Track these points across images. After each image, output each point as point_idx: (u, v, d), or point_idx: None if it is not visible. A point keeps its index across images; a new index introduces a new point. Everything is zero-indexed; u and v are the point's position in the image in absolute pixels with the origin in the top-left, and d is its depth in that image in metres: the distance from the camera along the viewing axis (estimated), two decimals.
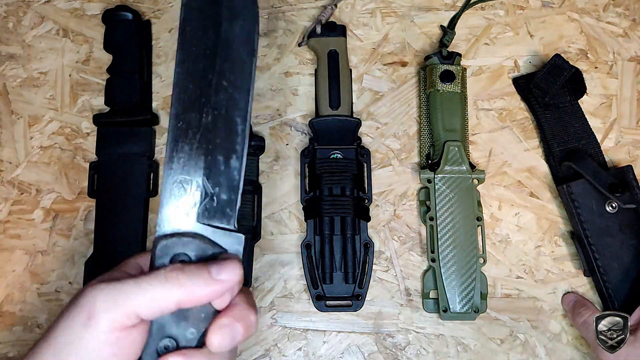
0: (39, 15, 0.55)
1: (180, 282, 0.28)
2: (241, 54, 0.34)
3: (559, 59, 0.50)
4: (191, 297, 0.29)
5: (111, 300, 0.28)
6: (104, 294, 0.28)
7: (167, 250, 0.31)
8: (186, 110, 0.33)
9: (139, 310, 0.28)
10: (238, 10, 0.35)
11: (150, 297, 0.28)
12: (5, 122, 0.53)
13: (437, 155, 0.50)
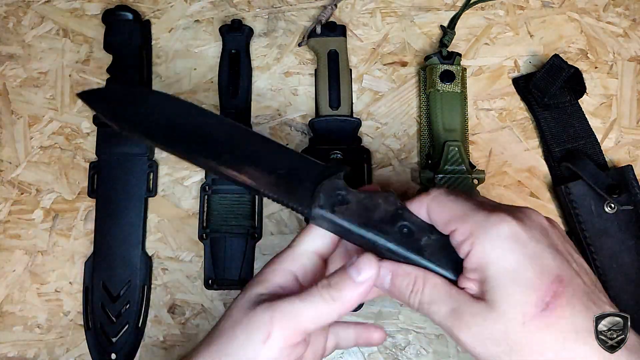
0: (39, 15, 0.55)
1: (334, 297, 0.30)
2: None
3: (558, 59, 0.50)
4: (346, 308, 0.31)
5: (285, 320, 0.30)
6: (279, 314, 0.30)
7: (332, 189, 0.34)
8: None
9: (308, 328, 0.31)
10: None
11: (315, 315, 0.30)
12: (5, 122, 0.53)
13: (437, 155, 0.50)
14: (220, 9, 0.55)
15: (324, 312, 0.30)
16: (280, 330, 0.30)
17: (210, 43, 0.55)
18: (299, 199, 0.34)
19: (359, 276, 0.30)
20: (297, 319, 0.30)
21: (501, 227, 0.29)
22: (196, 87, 0.54)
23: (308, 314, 0.30)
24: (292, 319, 0.30)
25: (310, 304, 0.30)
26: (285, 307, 0.30)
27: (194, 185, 0.51)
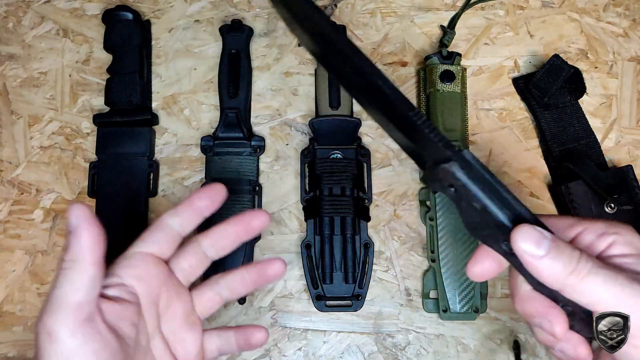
0: (39, 15, 0.55)
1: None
2: None
3: (558, 59, 0.50)
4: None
5: (56, 310, 0.31)
6: (51, 309, 0.31)
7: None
8: None
9: (83, 298, 0.31)
10: None
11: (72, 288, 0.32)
12: (5, 122, 0.53)
13: None
14: (220, 9, 0.55)
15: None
16: (55, 321, 0.30)
17: (210, 43, 0.55)
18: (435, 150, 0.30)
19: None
20: (63, 302, 0.30)
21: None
22: (196, 87, 0.54)
23: (68, 291, 0.31)
24: (58, 306, 0.30)
25: (64, 281, 0.31)
26: (49, 303, 0.31)
27: (194, 186, 0.51)
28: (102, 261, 0.33)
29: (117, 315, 0.33)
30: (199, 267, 0.39)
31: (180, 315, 0.38)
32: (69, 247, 0.32)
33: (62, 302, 0.30)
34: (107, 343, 0.31)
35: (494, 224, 0.30)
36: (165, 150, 0.52)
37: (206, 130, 0.52)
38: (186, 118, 0.53)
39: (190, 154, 0.52)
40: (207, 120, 0.53)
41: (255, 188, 0.50)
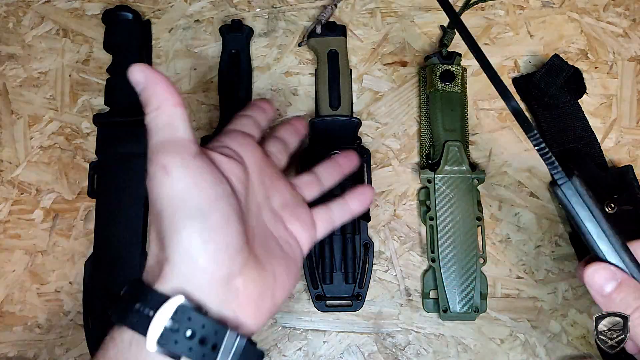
0: (39, 15, 0.56)
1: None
2: None
3: (558, 59, 0.50)
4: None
5: (164, 151, 0.31)
6: (159, 152, 0.31)
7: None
8: None
9: (184, 135, 0.32)
10: None
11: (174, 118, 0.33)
12: (5, 122, 0.53)
13: (437, 155, 0.50)
14: (220, 9, 0.55)
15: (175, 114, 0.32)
16: (168, 159, 0.30)
17: (210, 43, 0.55)
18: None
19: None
20: (168, 143, 0.31)
21: None
22: (196, 87, 0.54)
23: (168, 133, 0.31)
24: (164, 148, 0.30)
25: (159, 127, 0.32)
26: (152, 147, 0.31)
27: None
28: (182, 102, 0.32)
29: (226, 166, 0.33)
30: (283, 155, 0.41)
31: (287, 191, 0.38)
32: (149, 100, 0.32)
33: (167, 142, 0.30)
34: (220, 180, 0.31)
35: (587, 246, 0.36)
36: None
37: (206, 130, 0.52)
38: None
39: None
40: (207, 120, 0.53)
41: None
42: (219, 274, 0.30)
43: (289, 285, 0.35)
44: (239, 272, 0.31)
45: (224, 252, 0.30)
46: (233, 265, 0.30)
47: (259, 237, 0.34)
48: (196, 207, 0.29)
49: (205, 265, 0.29)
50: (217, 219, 0.30)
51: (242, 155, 0.35)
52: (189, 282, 0.29)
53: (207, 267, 0.29)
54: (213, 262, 0.30)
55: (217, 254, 0.30)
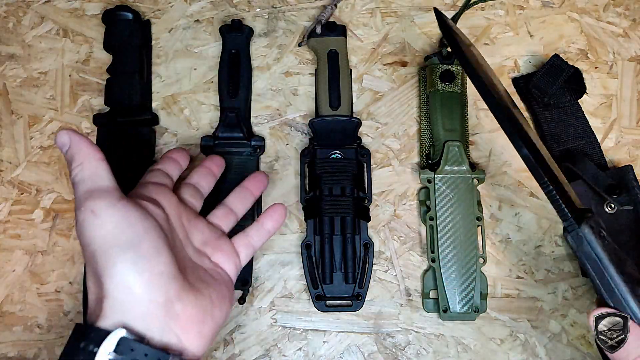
0: (39, 15, 0.56)
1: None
2: None
3: (558, 59, 0.50)
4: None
5: (91, 198, 0.34)
6: (88, 196, 0.34)
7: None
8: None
9: (109, 183, 0.35)
10: None
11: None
12: (5, 122, 0.53)
13: (437, 155, 0.50)
14: (220, 9, 0.55)
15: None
16: (96, 200, 0.32)
17: (210, 43, 0.55)
18: (573, 208, 0.36)
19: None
20: (95, 189, 0.33)
21: None
22: (196, 87, 0.54)
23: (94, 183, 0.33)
24: (94, 187, 0.33)
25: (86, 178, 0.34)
26: (80, 197, 0.34)
27: None
28: (104, 158, 0.35)
29: (149, 207, 0.35)
30: (196, 199, 0.43)
31: (205, 228, 0.41)
32: (73, 157, 0.34)
33: (93, 190, 0.33)
34: (146, 216, 0.34)
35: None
36: (165, 150, 0.52)
37: (206, 130, 0.52)
38: (186, 118, 0.53)
39: (190, 154, 0.52)
40: (207, 120, 0.53)
41: None
42: (157, 300, 0.31)
43: (225, 306, 0.37)
44: (177, 297, 0.32)
45: (159, 278, 0.32)
46: (169, 290, 0.32)
47: (189, 267, 0.37)
48: (127, 240, 0.32)
49: (142, 293, 0.31)
50: (148, 248, 0.32)
51: (158, 201, 0.38)
52: (129, 314, 0.31)
53: (144, 294, 0.31)
54: (149, 289, 0.31)
55: (152, 281, 0.31)
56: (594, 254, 0.35)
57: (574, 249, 0.36)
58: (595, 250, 0.35)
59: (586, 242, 0.35)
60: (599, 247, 0.35)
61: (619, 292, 0.35)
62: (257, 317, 0.49)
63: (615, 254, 0.35)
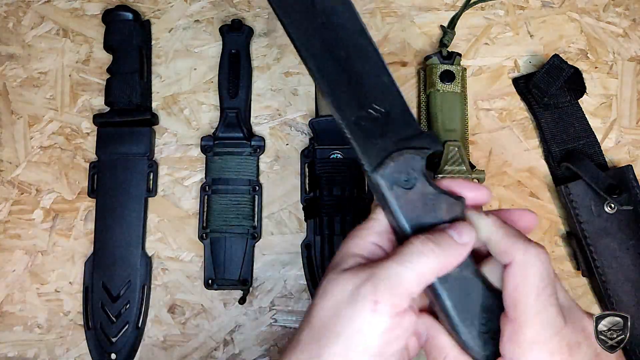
0: (39, 15, 0.55)
1: (435, 254, 0.29)
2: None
3: (558, 59, 0.50)
4: (447, 266, 0.29)
5: (389, 285, 0.28)
6: (381, 281, 0.28)
7: (393, 177, 0.30)
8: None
9: (412, 290, 0.28)
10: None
11: (416, 274, 0.28)
12: (5, 122, 0.53)
13: (437, 155, 0.50)
14: (220, 9, 0.55)
15: (425, 271, 0.29)
16: (387, 296, 0.28)
17: (210, 43, 0.55)
18: (368, 154, 0.31)
19: (460, 238, 0.29)
20: (400, 282, 0.28)
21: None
22: (196, 87, 0.54)
23: (409, 275, 0.28)
24: (395, 283, 0.28)
25: (409, 263, 0.29)
26: (384, 273, 0.28)
27: (194, 185, 0.51)
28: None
29: (413, 327, 0.30)
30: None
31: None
32: (460, 230, 0.29)
33: (400, 283, 0.28)
34: (399, 344, 0.29)
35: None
36: (165, 150, 0.52)
37: (206, 130, 0.52)
38: (186, 118, 0.53)
39: (190, 154, 0.52)
40: (207, 120, 0.53)
41: (255, 188, 0.50)
42: None
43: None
44: None
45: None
46: None
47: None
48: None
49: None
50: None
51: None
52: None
53: None
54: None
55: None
56: (387, 204, 0.31)
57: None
58: (388, 202, 0.31)
59: (380, 191, 0.31)
60: (393, 199, 0.31)
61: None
62: (257, 317, 0.49)
63: (410, 206, 0.31)
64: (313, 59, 0.32)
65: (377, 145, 0.31)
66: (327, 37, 0.33)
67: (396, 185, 0.30)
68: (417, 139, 0.31)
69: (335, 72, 0.32)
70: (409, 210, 0.30)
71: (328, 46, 0.33)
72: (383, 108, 0.32)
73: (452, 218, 0.30)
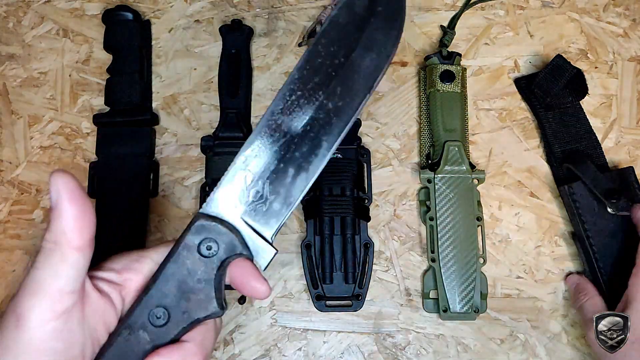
0: (39, 15, 0.55)
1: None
2: (359, 84, 0.33)
3: (561, 60, 0.50)
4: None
5: (32, 294, 0.27)
6: (26, 291, 0.27)
7: (202, 230, 0.31)
8: (284, 113, 0.33)
9: (64, 287, 0.27)
10: (376, 43, 0.33)
11: (56, 270, 0.27)
12: (5, 122, 0.53)
13: (437, 155, 0.50)
14: (220, 9, 0.55)
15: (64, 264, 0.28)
16: (32, 307, 0.27)
17: (210, 43, 0.55)
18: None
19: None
20: (41, 286, 0.27)
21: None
22: (196, 87, 0.54)
23: (65, 273, 0.27)
24: (40, 289, 0.27)
25: (45, 263, 0.27)
26: (32, 282, 0.27)
27: (194, 185, 0.51)
28: (89, 244, 0.29)
29: (97, 315, 0.30)
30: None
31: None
32: (49, 226, 0.28)
33: (41, 287, 0.27)
34: (72, 346, 0.28)
35: None
36: (165, 150, 0.52)
37: (206, 130, 0.52)
38: (186, 118, 0.53)
39: (190, 154, 0.52)
40: (207, 120, 0.53)
41: None
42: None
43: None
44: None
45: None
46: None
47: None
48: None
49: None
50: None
51: (124, 296, 0.33)
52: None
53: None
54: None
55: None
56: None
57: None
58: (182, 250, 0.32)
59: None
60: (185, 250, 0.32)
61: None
62: (257, 317, 0.49)
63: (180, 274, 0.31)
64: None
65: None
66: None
67: (203, 245, 0.31)
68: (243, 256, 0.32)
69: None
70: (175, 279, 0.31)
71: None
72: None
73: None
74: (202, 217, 0.32)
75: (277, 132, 0.33)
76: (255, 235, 0.32)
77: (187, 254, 0.31)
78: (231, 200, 0.33)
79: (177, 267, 0.31)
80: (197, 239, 0.31)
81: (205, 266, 0.31)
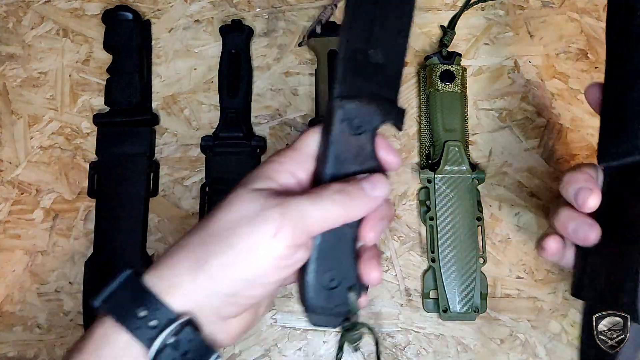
0: (39, 15, 0.55)
1: (345, 204, 0.30)
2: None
3: None
4: (352, 217, 0.31)
5: (295, 218, 0.29)
6: (289, 212, 0.29)
7: (352, 114, 0.31)
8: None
9: (314, 229, 0.30)
10: None
11: (322, 218, 0.30)
12: (5, 122, 0.53)
13: (437, 155, 0.50)
14: (220, 9, 0.55)
15: (331, 216, 0.30)
16: (290, 227, 0.29)
17: (210, 43, 0.55)
18: (346, 82, 0.32)
19: (372, 191, 0.31)
20: (306, 218, 0.29)
21: None
22: (196, 87, 0.54)
23: (316, 215, 0.30)
24: (301, 217, 0.29)
25: (320, 205, 0.30)
26: (295, 205, 0.29)
27: (194, 185, 0.51)
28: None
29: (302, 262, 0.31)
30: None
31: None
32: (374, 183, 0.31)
33: (307, 218, 0.29)
34: (285, 272, 0.30)
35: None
36: (165, 150, 0.52)
37: (206, 130, 0.52)
38: (186, 118, 0.53)
39: (190, 154, 0.52)
40: (207, 120, 0.53)
41: None
42: (224, 313, 0.30)
43: (263, 313, 0.36)
44: (238, 315, 0.31)
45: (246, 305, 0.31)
46: (239, 311, 0.31)
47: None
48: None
49: (220, 305, 0.29)
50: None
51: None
52: (197, 307, 0.29)
53: (220, 307, 0.29)
54: (228, 306, 0.30)
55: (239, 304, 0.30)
56: (327, 136, 0.32)
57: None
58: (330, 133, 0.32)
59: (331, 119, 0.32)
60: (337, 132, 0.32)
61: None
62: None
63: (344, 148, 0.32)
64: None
65: (357, 80, 0.32)
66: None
67: (347, 123, 0.31)
68: (390, 105, 0.33)
69: (366, 5, 0.33)
70: (341, 151, 0.31)
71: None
72: (382, 58, 0.33)
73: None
74: (344, 100, 0.31)
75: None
76: (385, 103, 0.33)
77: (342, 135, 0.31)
78: (359, 78, 0.32)
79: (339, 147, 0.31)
80: (349, 126, 0.31)
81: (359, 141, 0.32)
